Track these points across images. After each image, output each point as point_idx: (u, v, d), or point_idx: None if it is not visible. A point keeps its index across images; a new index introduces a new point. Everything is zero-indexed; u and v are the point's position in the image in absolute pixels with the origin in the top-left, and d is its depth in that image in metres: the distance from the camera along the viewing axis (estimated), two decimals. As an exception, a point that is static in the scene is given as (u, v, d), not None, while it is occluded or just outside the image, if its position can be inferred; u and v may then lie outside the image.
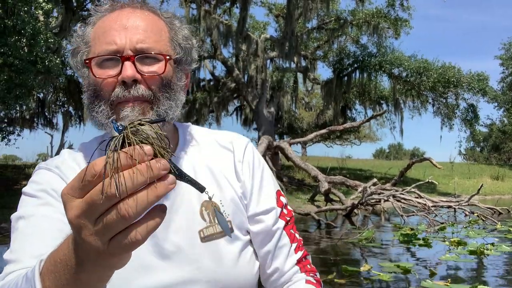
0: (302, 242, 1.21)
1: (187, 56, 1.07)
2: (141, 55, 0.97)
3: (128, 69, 0.94)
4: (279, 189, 1.21)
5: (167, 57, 0.99)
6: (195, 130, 1.19)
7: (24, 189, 1.04)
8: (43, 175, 1.06)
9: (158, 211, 0.58)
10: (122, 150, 0.55)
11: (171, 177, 0.57)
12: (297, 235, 1.19)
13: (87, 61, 0.98)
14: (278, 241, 1.14)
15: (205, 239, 1.04)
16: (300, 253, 1.17)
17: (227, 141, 1.17)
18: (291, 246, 1.16)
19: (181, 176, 0.61)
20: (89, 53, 1.01)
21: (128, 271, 0.93)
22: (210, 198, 0.80)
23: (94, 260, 0.60)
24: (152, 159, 0.56)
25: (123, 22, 0.98)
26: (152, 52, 0.97)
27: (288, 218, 1.17)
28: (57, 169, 1.06)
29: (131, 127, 0.57)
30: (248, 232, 1.13)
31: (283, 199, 1.19)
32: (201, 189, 0.64)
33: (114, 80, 0.96)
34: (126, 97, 0.95)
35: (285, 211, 1.17)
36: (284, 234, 1.15)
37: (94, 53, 0.99)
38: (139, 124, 0.58)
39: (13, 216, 1.00)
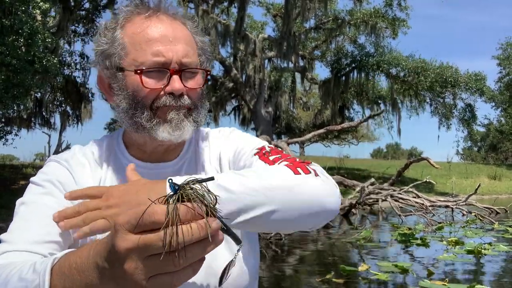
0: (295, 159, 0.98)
1: (209, 62, 1.14)
2: (187, 69, 1.03)
3: (177, 83, 1.01)
4: (263, 145, 1.09)
5: (208, 71, 1.10)
6: (197, 132, 1.20)
7: (32, 178, 1.08)
8: (52, 167, 1.09)
9: (198, 262, 0.62)
10: (183, 204, 0.59)
11: (220, 235, 0.62)
12: (277, 153, 1.03)
13: (138, 71, 1.01)
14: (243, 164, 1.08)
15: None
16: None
17: (216, 131, 1.22)
18: (256, 156, 1.05)
19: (227, 231, 0.68)
20: (126, 58, 1.03)
21: None
22: (238, 250, 0.80)
23: (122, 284, 0.64)
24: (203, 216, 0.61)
25: (166, 34, 1.02)
26: (196, 67, 1.06)
27: (264, 151, 1.05)
28: (66, 163, 1.09)
29: (187, 186, 0.62)
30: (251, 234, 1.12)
31: (267, 148, 1.07)
32: (238, 241, 0.72)
33: (159, 90, 1.02)
34: (173, 106, 1.03)
35: (265, 149, 1.06)
36: (257, 159, 1.03)
37: (136, 61, 1.02)
38: (193, 183, 0.63)
39: (17, 201, 1.03)
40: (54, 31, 15.27)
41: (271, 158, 1.02)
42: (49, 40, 11.37)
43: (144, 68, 1.01)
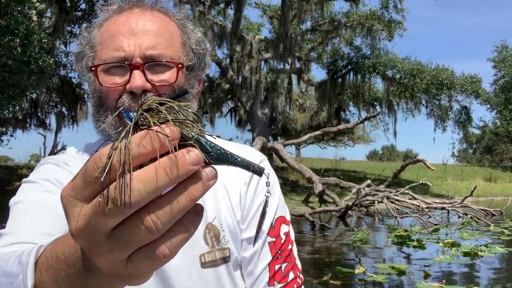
0: (298, 280, 1.02)
1: (200, 61, 1.00)
2: (151, 63, 0.90)
3: (137, 79, 0.88)
4: (284, 216, 1.05)
5: (180, 65, 0.93)
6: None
7: (25, 179, 0.98)
8: (50, 169, 0.98)
9: (192, 217, 0.43)
10: (136, 134, 0.40)
11: (209, 170, 0.42)
12: (291, 273, 1.01)
13: (93, 69, 0.92)
14: (256, 279, 0.99)
15: (205, 265, 0.96)
16: None
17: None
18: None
19: (224, 159, 0.44)
20: (95, 58, 0.94)
21: None
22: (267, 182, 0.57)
23: (108, 277, 0.47)
24: (180, 145, 0.41)
25: (131, 26, 0.91)
26: (163, 60, 0.91)
27: (279, 251, 1.00)
28: (65, 165, 0.99)
29: (145, 108, 0.42)
30: None
31: (285, 228, 1.03)
32: (258, 172, 0.45)
33: (121, 89, 0.90)
34: (133, 107, 0.88)
35: (280, 241, 1.01)
36: (266, 272, 0.99)
37: (100, 59, 0.92)
38: (158, 104, 0.43)
39: (11, 201, 0.93)
40: (50, 32, 15.23)
41: (282, 267, 0.99)
42: (45, 40, 11.33)
43: (100, 64, 0.91)
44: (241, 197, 1.02)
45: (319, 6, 19.37)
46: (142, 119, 0.42)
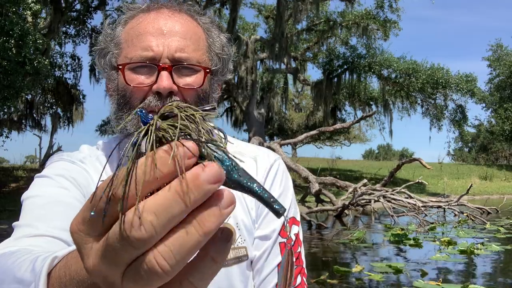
0: (304, 285, 1.02)
1: (224, 67, 1.00)
2: (179, 65, 0.90)
3: (165, 80, 0.87)
4: (294, 217, 1.06)
5: (207, 69, 0.93)
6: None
7: (38, 174, 0.95)
8: (64, 165, 0.96)
9: (220, 245, 0.36)
10: (147, 154, 0.34)
11: (226, 195, 0.35)
12: (299, 278, 1.01)
13: (120, 66, 0.91)
14: (264, 278, 0.99)
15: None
16: None
17: (251, 157, 1.05)
18: None
19: (244, 185, 0.37)
20: (120, 56, 0.93)
21: None
22: (284, 222, 0.56)
23: None
24: (197, 163, 0.35)
25: (160, 26, 0.90)
26: (191, 63, 0.91)
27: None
28: (82, 163, 0.97)
29: (165, 113, 0.36)
30: None
31: (295, 228, 1.04)
32: (277, 213, 0.37)
33: (147, 89, 0.89)
34: (158, 108, 0.85)
35: (291, 242, 1.02)
36: (275, 272, 0.99)
37: (126, 57, 0.91)
38: (181, 109, 0.36)
39: (24, 196, 0.90)
40: (45, 33, 15.18)
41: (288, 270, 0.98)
42: (40, 41, 11.30)
43: (128, 63, 0.90)
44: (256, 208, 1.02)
45: (314, 6, 19.39)
46: (159, 128, 0.35)
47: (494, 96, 31.72)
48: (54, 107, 20.23)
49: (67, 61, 19.28)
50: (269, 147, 13.79)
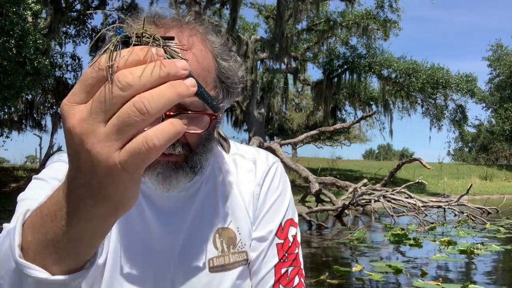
0: (302, 286, 1.03)
1: (231, 96, 0.96)
2: (183, 113, 0.86)
3: None
4: (292, 218, 1.07)
5: (213, 116, 0.88)
6: (217, 151, 1.08)
7: (35, 175, 0.96)
8: (61, 167, 0.96)
9: (180, 119, 0.48)
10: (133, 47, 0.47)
11: (190, 79, 0.48)
12: (296, 278, 1.03)
13: None
14: (261, 280, 1.01)
15: (213, 269, 0.97)
16: None
17: (250, 160, 1.07)
18: None
19: (200, 88, 0.51)
20: None
21: None
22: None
23: (94, 196, 0.48)
24: None
25: None
26: (196, 110, 0.87)
27: (286, 254, 1.02)
28: None
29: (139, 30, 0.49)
30: None
31: (293, 230, 1.06)
32: (214, 107, 0.58)
33: None
34: (163, 154, 0.83)
35: (288, 243, 1.03)
36: (272, 273, 1.01)
37: None
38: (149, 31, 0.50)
39: (19, 197, 0.92)
40: (45, 33, 15.19)
41: (289, 271, 1.01)
42: (40, 41, 11.31)
43: None
44: (254, 197, 1.03)
45: (314, 6, 19.40)
46: (140, 35, 0.49)
47: (494, 96, 31.73)
48: (54, 107, 20.24)
49: (67, 61, 19.29)
50: (269, 147, 13.79)
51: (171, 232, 0.98)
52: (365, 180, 12.01)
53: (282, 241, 1.03)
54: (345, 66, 22.10)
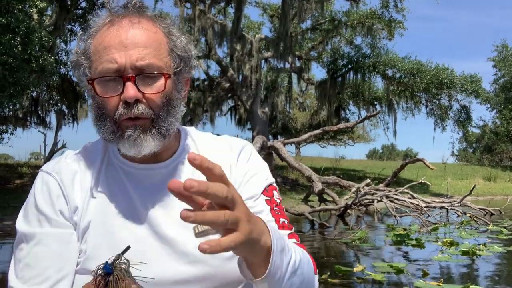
0: (292, 230, 1.12)
1: (186, 66, 1.08)
2: (141, 75, 0.99)
3: (130, 90, 0.97)
4: (273, 184, 1.17)
5: (167, 75, 1.01)
6: (196, 134, 1.21)
7: (20, 227, 1.05)
8: (42, 183, 1.08)
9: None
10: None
11: None
12: (286, 222, 1.11)
13: (90, 82, 1.01)
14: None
15: (198, 234, 1.03)
16: (286, 232, 1.09)
17: (226, 143, 1.19)
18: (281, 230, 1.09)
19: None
20: (91, 68, 1.03)
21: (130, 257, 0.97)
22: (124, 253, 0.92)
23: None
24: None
25: (122, 39, 0.99)
26: (152, 72, 1.00)
27: (276, 208, 1.11)
28: (57, 175, 1.08)
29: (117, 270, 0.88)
30: None
31: (276, 194, 1.15)
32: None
33: (116, 99, 1.00)
34: (127, 115, 0.99)
35: (275, 201, 1.13)
36: (270, 217, 1.08)
37: (95, 70, 1.01)
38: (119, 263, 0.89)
39: (14, 250, 1.04)
40: (50, 30, 15.24)
41: (280, 221, 1.09)
42: (46, 39, 11.35)
43: (95, 77, 1.00)
44: (231, 168, 1.13)
45: (319, 5, 19.39)
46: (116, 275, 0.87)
47: (499, 96, 31.61)
48: (59, 104, 20.31)
49: (71, 59, 19.31)
50: (272, 146, 13.80)
51: (156, 206, 1.06)
52: (368, 180, 12.01)
53: (269, 198, 1.12)
54: (350, 66, 22.05)
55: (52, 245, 1.00)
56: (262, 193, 1.12)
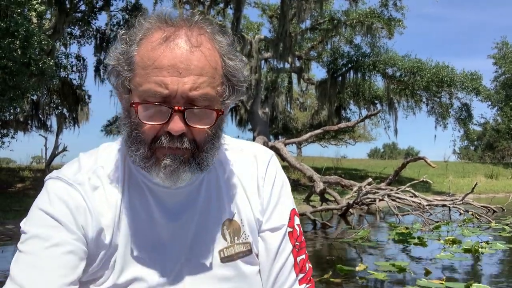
0: (311, 273, 1.13)
1: (237, 94, 1.00)
2: (192, 108, 0.91)
3: (177, 124, 0.89)
4: (295, 208, 1.14)
5: (220, 112, 0.94)
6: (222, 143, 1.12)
7: (27, 228, 0.95)
8: (62, 191, 0.98)
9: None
10: None
11: None
12: (307, 265, 1.12)
13: (133, 105, 0.91)
14: (282, 267, 1.07)
15: (224, 259, 1.03)
16: (304, 286, 1.09)
17: (251, 155, 1.12)
18: (297, 277, 1.08)
19: None
20: (133, 81, 0.92)
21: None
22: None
23: None
24: None
25: (176, 62, 0.88)
26: (205, 105, 0.91)
27: (297, 243, 1.10)
28: (80, 187, 0.98)
29: None
30: None
31: (297, 219, 1.13)
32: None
33: (159, 127, 0.91)
34: (169, 148, 0.92)
35: (296, 232, 1.11)
36: (291, 259, 1.08)
37: (138, 86, 0.91)
38: None
39: (17, 253, 0.94)
40: (50, 34, 15.26)
41: (298, 260, 1.09)
42: (45, 42, 11.36)
43: (140, 101, 0.91)
44: (258, 190, 1.09)
45: (318, 5, 19.39)
46: None
47: (500, 94, 31.56)
48: (59, 108, 20.32)
49: (72, 62, 19.32)
50: (273, 147, 13.79)
51: (180, 227, 1.01)
52: (369, 179, 11.99)
53: (291, 229, 1.10)
54: (349, 65, 22.05)
55: (65, 256, 0.93)
56: (288, 225, 1.09)
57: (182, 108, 0.89)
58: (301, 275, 1.08)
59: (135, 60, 0.92)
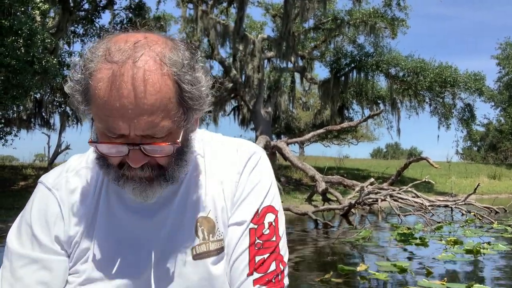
0: (281, 278, 1.04)
1: (199, 112, 0.96)
2: (147, 144, 0.88)
3: (135, 159, 0.89)
4: (271, 205, 1.07)
5: (175, 143, 0.90)
6: (205, 135, 1.14)
7: (11, 243, 1.03)
8: (39, 199, 1.06)
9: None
10: None
11: None
12: (272, 267, 1.03)
13: (90, 141, 0.92)
14: (234, 262, 1.03)
15: (197, 256, 1.02)
16: (250, 279, 1.01)
17: (233, 150, 1.10)
18: (251, 275, 1.01)
19: None
20: (90, 111, 0.90)
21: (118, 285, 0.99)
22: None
23: None
24: None
25: (125, 104, 0.84)
26: (162, 136, 0.89)
27: (260, 241, 1.03)
28: (57, 192, 1.05)
29: None
30: None
31: (269, 217, 1.06)
32: None
33: (120, 158, 0.92)
34: (133, 177, 0.93)
35: (262, 230, 1.04)
36: (245, 256, 1.02)
37: (96, 121, 0.90)
38: None
39: (3, 265, 1.03)
40: (53, 32, 15.29)
41: (256, 259, 1.02)
42: (49, 40, 11.38)
43: (99, 133, 0.90)
44: (233, 185, 1.06)
45: (321, 4, 19.37)
46: None
47: (503, 94, 31.50)
48: (62, 106, 20.35)
49: (74, 60, 19.35)
50: (276, 146, 13.80)
51: (155, 225, 1.02)
52: (372, 179, 11.98)
53: (255, 226, 1.04)
54: (353, 65, 22.03)
55: (39, 272, 1.00)
56: (251, 220, 1.04)
57: (137, 142, 0.88)
58: (257, 275, 1.01)
59: (90, 93, 0.88)
